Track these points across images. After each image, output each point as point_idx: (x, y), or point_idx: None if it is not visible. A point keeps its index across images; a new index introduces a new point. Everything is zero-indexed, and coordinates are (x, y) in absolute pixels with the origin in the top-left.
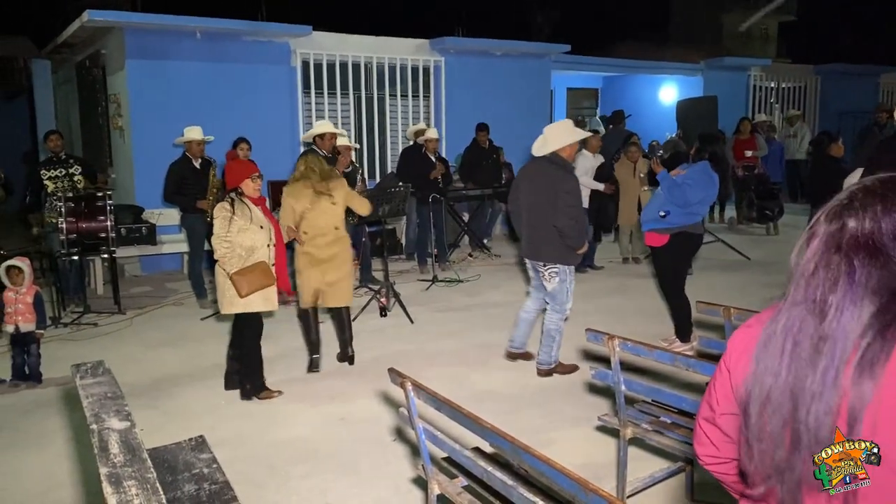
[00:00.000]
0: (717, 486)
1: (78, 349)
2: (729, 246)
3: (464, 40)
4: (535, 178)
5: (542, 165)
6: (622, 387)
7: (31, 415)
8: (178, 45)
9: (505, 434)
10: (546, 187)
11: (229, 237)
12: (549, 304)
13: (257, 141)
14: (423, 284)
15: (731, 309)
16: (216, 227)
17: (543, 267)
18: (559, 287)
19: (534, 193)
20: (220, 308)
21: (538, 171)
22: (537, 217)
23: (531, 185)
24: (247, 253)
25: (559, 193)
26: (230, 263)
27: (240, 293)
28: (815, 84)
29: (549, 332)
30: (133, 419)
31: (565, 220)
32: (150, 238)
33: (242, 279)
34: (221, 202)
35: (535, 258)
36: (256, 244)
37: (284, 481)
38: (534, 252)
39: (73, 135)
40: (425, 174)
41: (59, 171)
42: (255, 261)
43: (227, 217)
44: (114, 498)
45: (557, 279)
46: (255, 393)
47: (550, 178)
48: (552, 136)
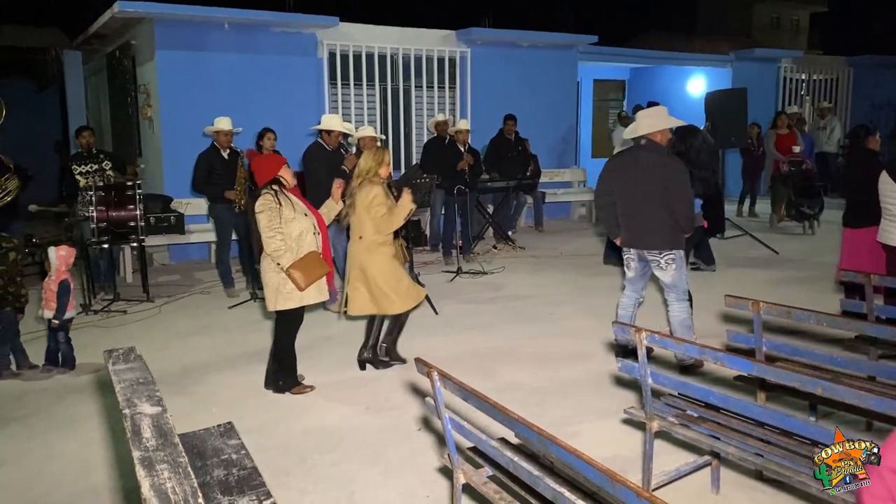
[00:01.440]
0: (743, 481)
1: (108, 336)
2: (757, 240)
3: (490, 31)
4: (640, 167)
5: (642, 153)
6: (649, 380)
7: (65, 399)
8: (207, 36)
9: (532, 424)
10: (656, 174)
11: (280, 228)
12: (671, 295)
13: (284, 132)
14: (448, 276)
15: (759, 303)
16: (265, 221)
17: (660, 255)
18: (677, 274)
19: (641, 182)
20: (273, 305)
21: (640, 160)
22: (647, 205)
23: (635, 173)
24: (297, 245)
25: (672, 178)
26: (284, 257)
27: (299, 287)
28: (847, 76)
29: (682, 323)
30: (164, 404)
31: (684, 204)
32: (179, 227)
33: (299, 272)
34: (264, 195)
35: (650, 247)
36: (304, 232)
37: (311, 469)
38: (646, 241)
39: (104, 125)
40: (453, 165)
41: (89, 167)
42: (305, 252)
43: (274, 209)
44: (147, 481)
45: (674, 265)
46: (288, 388)
47: (658, 164)
48: (645, 122)
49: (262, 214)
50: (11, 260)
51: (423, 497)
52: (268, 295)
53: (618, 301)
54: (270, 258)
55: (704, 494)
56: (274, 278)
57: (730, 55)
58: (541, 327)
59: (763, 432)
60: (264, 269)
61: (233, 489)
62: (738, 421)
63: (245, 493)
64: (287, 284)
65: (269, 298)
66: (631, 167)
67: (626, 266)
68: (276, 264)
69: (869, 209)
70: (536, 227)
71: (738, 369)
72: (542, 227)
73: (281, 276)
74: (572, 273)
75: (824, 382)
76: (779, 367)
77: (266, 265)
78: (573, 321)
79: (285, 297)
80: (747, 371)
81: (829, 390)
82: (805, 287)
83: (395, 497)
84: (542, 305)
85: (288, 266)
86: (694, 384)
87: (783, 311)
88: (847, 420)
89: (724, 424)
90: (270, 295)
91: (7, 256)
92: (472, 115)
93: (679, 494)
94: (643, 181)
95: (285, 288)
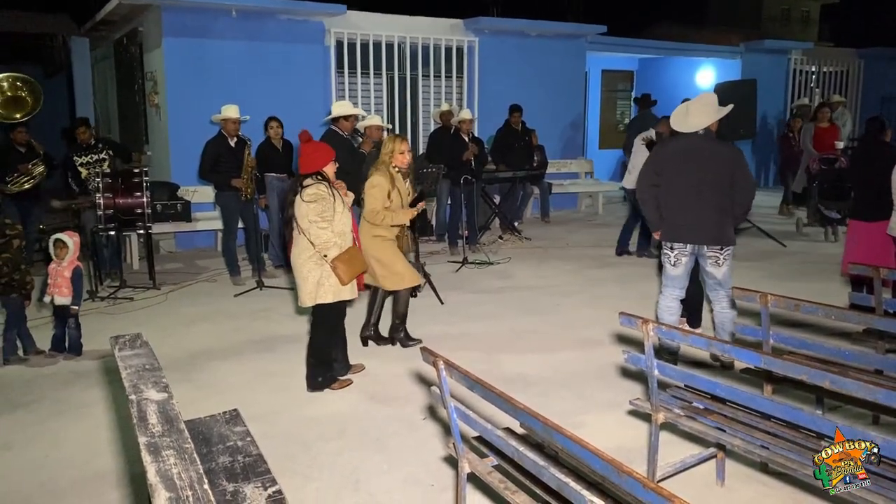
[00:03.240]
0: (749, 473)
1: (114, 322)
2: (764, 232)
3: (498, 20)
4: (699, 157)
5: (699, 143)
6: (655, 371)
7: (72, 385)
8: (214, 24)
9: (537, 414)
10: (717, 165)
11: (332, 220)
12: (721, 292)
13: (290, 120)
14: (454, 266)
15: (767, 296)
16: (318, 211)
17: (721, 251)
18: (728, 270)
19: (701, 173)
20: (312, 299)
21: (699, 150)
22: (708, 197)
23: (694, 164)
24: (341, 239)
25: (737, 170)
26: (333, 250)
27: (342, 280)
28: (857, 68)
29: (731, 321)
30: (170, 390)
31: (750, 197)
32: (185, 215)
33: (345, 266)
34: (316, 185)
35: (711, 242)
36: (346, 229)
37: (316, 456)
38: (707, 235)
39: (111, 112)
40: (458, 155)
41: (90, 157)
42: (348, 247)
43: (329, 200)
44: (153, 467)
45: (729, 261)
46: (328, 384)
47: (720, 154)
48: (702, 110)
49: (315, 205)
50: (16, 247)
51: (428, 485)
52: (306, 288)
53: (657, 303)
54: (312, 249)
55: (710, 486)
56: (316, 271)
57: (739, 46)
58: (546, 318)
59: (769, 425)
60: (302, 262)
61: (238, 476)
62: (745, 413)
63: (250, 480)
64: (331, 278)
65: (308, 292)
66: (691, 158)
67: (672, 262)
68: (323, 256)
69: (883, 203)
70: (543, 218)
71: (745, 361)
72: (549, 218)
73: (324, 269)
74: (578, 264)
75: (832, 375)
76: (786, 360)
77: (305, 258)
78: (579, 312)
79: (326, 290)
80: (755, 363)
81: (836, 383)
82: (811, 280)
83: (399, 485)
84: (547, 296)
85: (333, 258)
86: (700, 376)
87: (791, 303)
88: (854, 414)
89: (731, 417)
90: (310, 288)
91: (11, 244)
92: (479, 104)
93: (684, 486)
94: (703, 172)
95: (328, 281)
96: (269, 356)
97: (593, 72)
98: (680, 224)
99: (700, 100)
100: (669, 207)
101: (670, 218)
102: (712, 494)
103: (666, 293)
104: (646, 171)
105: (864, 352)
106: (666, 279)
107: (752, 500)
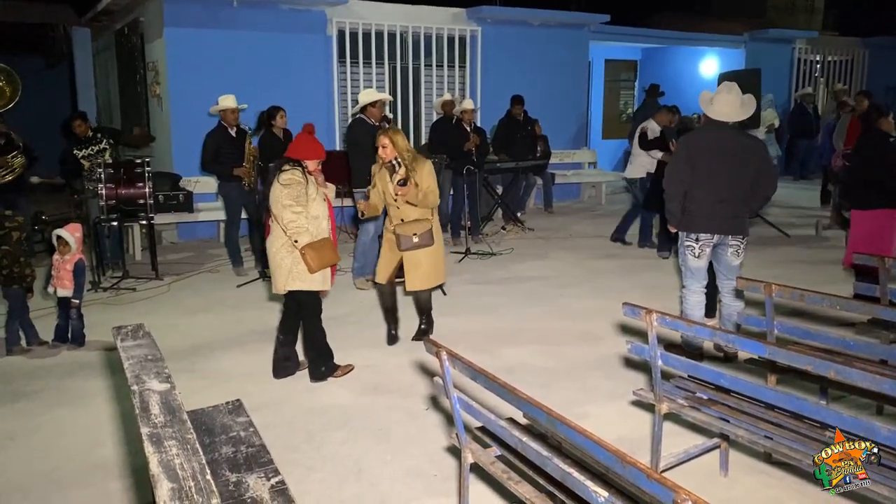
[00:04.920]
0: (752, 464)
1: (117, 313)
2: (767, 222)
3: (501, 9)
4: (731, 149)
5: (730, 134)
6: (659, 361)
7: (74, 376)
8: (215, 14)
9: (540, 404)
10: (746, 157)
11: (305, 205)
12: (732, 283)
13: (293, 110)
14: (456, 257)
15: (772, 285)
16: (292, 195)
17: (742, 241)
18: (741, 261)
19: (731, 164)
20: (278, 287)
21: (730, 142)
22: (736, 189)
23: (725, 156)
24: (314, 227)
25: (763, 164)
26: (304, 236)
27: (310, 268)
28: (862, 57)
29: (738, 313)
30: (173, 381)
31: (773, 189)
32: (187, 205)
33: (314, 253)
34: (292, 170)
35: (737, 232)
36: (321, 214)
37: (319, 447)
38: (733, 226)
39: (112, 102)
40: (460, 145)
41: (89, 150)
42: (321, 236)
43: (302, 184)
44: (155, 457)
45: (744, 251)
46: (330, 373)
47: (748, 147)
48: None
49: (290, 188)
50: (15, 239)
51: (431, 476)
52: (279, 276)
53: (682, 299)
54: (285, 236)
55: (713, 477)
56: (287, 258)
57: (743, 35)
58: (549, 308)
59: (773, 415)
60: (275, 249)
61: (241, 466)
62: (748, 403)
63: (253, 471)
64: (300, 265)
65: (279, 279)
66: (724, 149)
67: (696, 254)
68: (293, 242)
69: (882, 191)
70: (546, 209)
71: (749, 351)
72: (552, 209)
73: (294, 256)
74: (581, 255)
75: (836, 365)
76: (790, 350)
77: (277, 245)
78: (582, 303)
79: (295, 277)
80: (759, 353)
81: (841, 373)
82: (814, 269)
83: (402, 475)
84: (550, 287)
85: (303, 245)
86: (704, 366)
87: (796, 293)
88: (858, 404)
89: (734, 407)
90: (281, 276)
91: (10, 236)
92: (481, 94)
93: (688, 477)
94: (734, 164)
95: (297, 268)
96: (272, 347)
97: (596, 61)
98: (710, 214)
99: (727, 89)
100: (698, 199)
101: (698, 209)
102: (716, 485)
103: (692, 287)
104: (679, 166)
105: (868, 342)
106: (689, 273)
107: (755, 491)
